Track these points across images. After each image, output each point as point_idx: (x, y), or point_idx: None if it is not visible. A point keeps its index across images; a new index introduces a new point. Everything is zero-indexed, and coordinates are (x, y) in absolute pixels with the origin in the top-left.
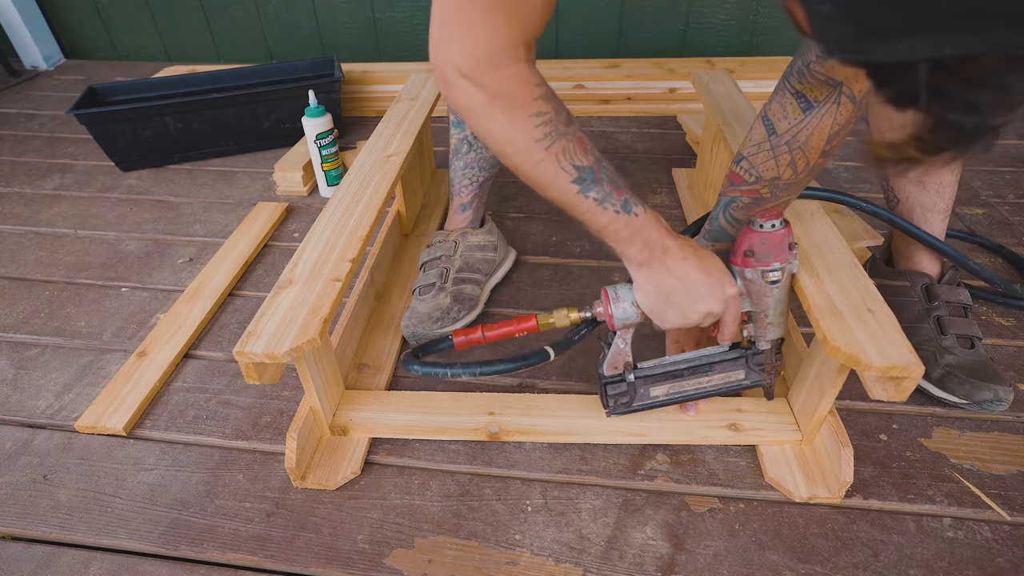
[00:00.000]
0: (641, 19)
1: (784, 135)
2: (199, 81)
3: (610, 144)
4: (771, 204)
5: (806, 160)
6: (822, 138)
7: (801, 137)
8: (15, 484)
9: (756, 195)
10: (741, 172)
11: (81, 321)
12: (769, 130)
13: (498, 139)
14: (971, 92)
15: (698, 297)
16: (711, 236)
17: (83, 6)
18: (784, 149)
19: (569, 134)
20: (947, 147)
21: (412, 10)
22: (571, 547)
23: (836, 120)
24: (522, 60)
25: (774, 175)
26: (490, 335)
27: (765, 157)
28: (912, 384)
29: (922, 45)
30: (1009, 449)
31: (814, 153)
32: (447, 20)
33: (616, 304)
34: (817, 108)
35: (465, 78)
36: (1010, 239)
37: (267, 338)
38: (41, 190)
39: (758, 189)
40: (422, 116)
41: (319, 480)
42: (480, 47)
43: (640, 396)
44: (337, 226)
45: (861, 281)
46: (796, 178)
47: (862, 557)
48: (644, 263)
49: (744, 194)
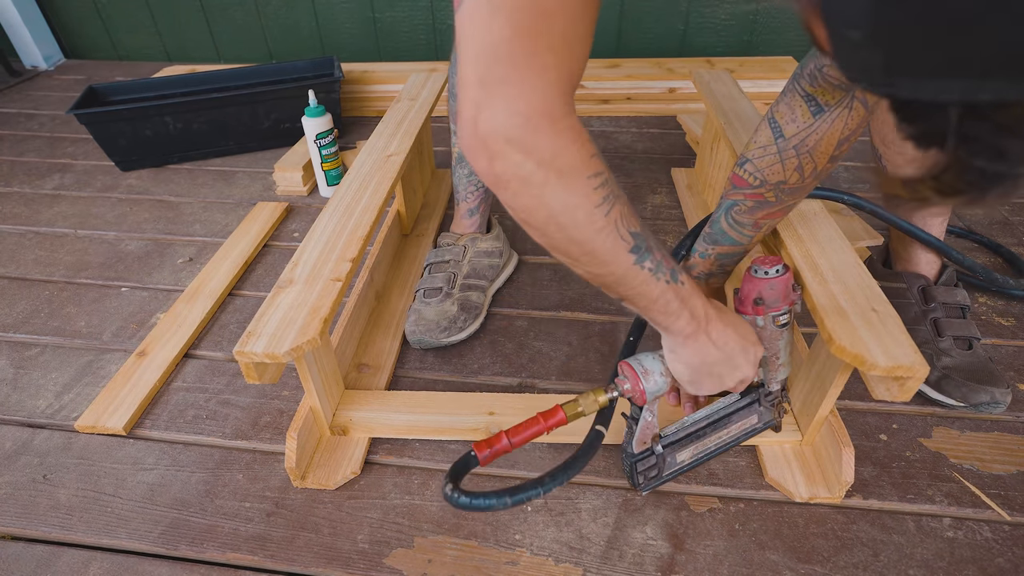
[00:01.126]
0: (641, 19)
1: (792, 139)
2: (199, 81)
3: (610, 144)
4: (775, 208)
5: (814, 165)
6: (832, 143)
7: (810, 141)
8: (15, 484)
9: (760, 199)
10: (745, 175)
11: (81, 321)
12: (776, 133)
13: (553, 210)
14: (1002, 139)
15: (736, 365)
16: (711, 239)
17: (83, 6)
18: (792, 153)
19: (622, 196)
20: (966, 191)
21: (412, 10)
22: (571, 547)
23: (847, 125)
24: (573, 111)
25: (780, 179)
26: (517, 441)
27: (771, 161)
28: (916, 384)
29: (955, 87)
30: (1009, 449)
31: (823, 158)
32: (485, 76)
33: (646, 379)
34: (828, 112)
35: (512, 143)
36: (1010, 239)
37: (267, 338)
38: (41, 190)
39: (762, 193)
40: (422, 116)
41: (319, 480)
42: (530, 102)
43: (668, 465)
44: (337, 226)
45: (865, 281)
46: (803, 183)
47: (862, 557)
48: (691, 336)
49: (748, 197)
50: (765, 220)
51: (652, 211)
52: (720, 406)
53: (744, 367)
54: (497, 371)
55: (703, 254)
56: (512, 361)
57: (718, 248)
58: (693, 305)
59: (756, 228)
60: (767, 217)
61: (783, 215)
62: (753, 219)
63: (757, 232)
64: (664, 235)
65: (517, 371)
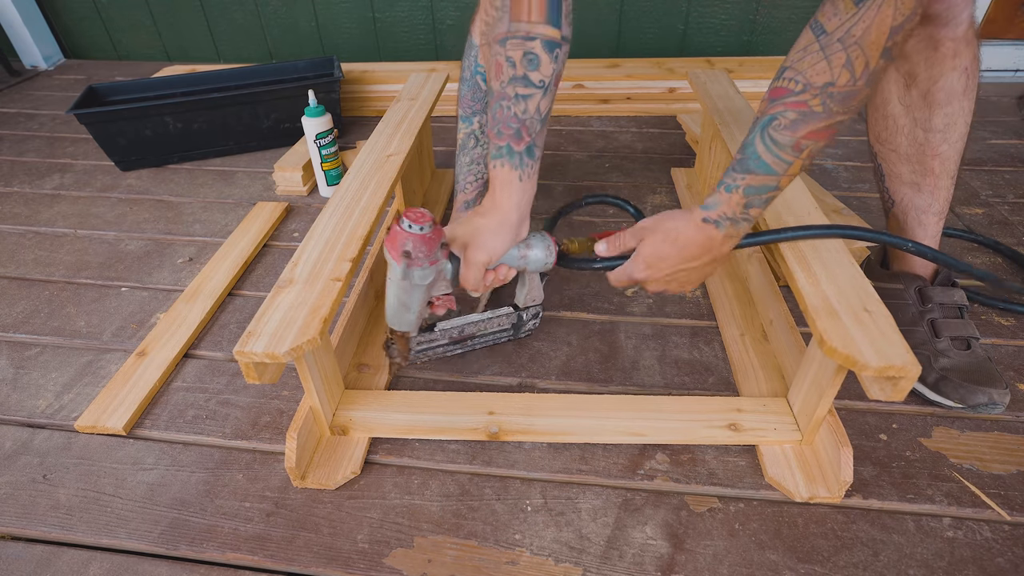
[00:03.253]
0: (641, 19)
1: (836, 32)
2: (199, 81)
3: (610, 144)
4: (822, 123)
5: (865, 59)
6: (883, 31)
7: (857, 31)
8: (15, 484)
9: (805, 108)
10: (785, 83)
11: (81, 321)
12: (817, 31)
13: None
14: None
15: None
16: (742, 166)
17: (83, 6)
18: (838, 47)
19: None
20: None
21: (412, 10)
22: (571, 547)
23: (899, 10)
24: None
25: (827, 80)
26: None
27: (815, 59)
28: (909, 384)
29: None
30: (1009, 449)
31: (874, 50)
32: None
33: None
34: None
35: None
36: (1010, 239)
37: (267, 338)
38: (41, 190)
39: (807, 100)
40: (422, 116)
41: (319, 480)
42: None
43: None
44: (337, 226)
45: (858, 281)
46: (854, 85)
47: (862, 557)
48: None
49: (789, 107)
50: (808, 140)
51: (652, 211)
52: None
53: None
54: (497, 371)
55: (729, 187)
56: (512, 361)
57: (748, 179)
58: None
59: (797, 151)
60: (811, 136)
61: (829, 139)
62: (795, 137)
63: (797, 157)
64: None
65: (517, 371)
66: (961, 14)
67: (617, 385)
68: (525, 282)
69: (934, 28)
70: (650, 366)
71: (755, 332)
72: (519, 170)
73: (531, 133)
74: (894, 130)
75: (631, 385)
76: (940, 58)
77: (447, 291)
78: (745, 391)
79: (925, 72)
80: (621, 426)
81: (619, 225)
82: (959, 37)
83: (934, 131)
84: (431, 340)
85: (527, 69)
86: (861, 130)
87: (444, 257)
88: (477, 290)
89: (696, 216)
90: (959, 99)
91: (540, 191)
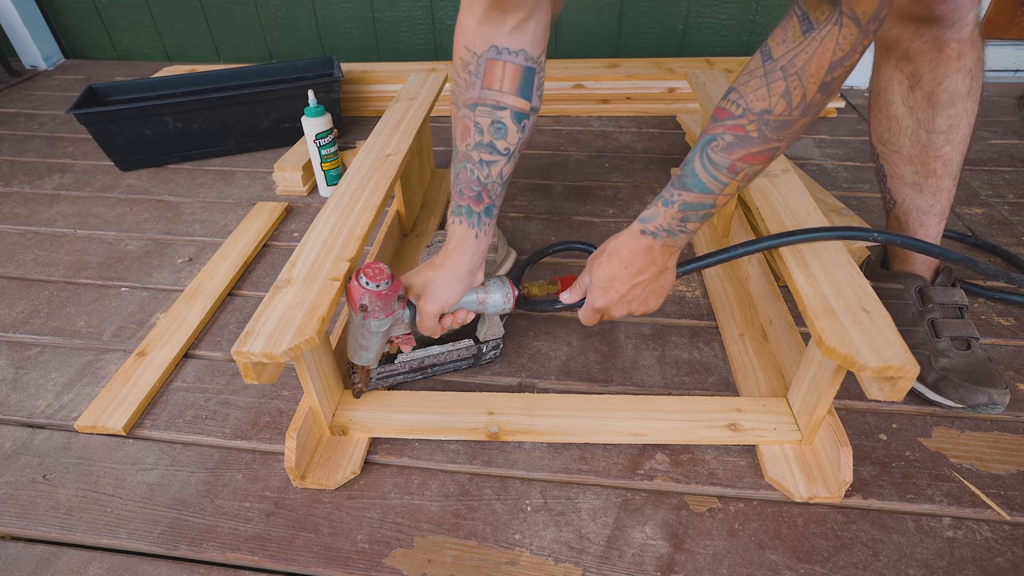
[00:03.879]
0: (640, 19)
1: (780, 59)
2: (199, 81)
3: (610, 144)
4: (756, 148)
5: (803, 91)
6: (822, 65)
7: (799, 61)
8: (15, 484)
9: (742, 132)
10: (728, 105)
11: (80, 321)
12: (765, 56)
13: None
14: None
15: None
16: (680, 183)
17: (83, 6)
18: (779, 75)
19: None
20: None
21: (412, 10)
22: (571, 547)
23: (839, 45)
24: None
25: (764, 107)
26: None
27: (756, 85)
28: (908, 384)
29: None
30: (1009, 449)
31: (812, 83)
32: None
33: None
34: (818, 29)
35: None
36: (1009, 239)
37: (265, 338)
38: (41, 190)
39: (744, 125)
40: (421, 115)
41: (319, 480)
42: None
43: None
44: (336, 225)
45: (856, 281)
46: (789, 115)
47: (862, 557)
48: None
49: (728, 130)
50: (743, 164)
51: None
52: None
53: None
54: (497, 371)
55: (667, 201)
56: (512, 361)
57: (685, 195)
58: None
59: (732, 173)
60: (746, 159)
61: (764, 163)
62: (730, 159)
63: (732, 179)
64: None
65: (517, 371)
66: (967, 15)
67: (617, 385)
68: (485, 321)
69: (940, 29)
70: (650, 366)
71: (755, 332)
72: (475, 228)
73: (491, 196)
74: (897, 131)
75: (631, 385)
76: (945, 59)
77: (406, 331)
78: (745, 391)
79: (930, 73)
80: (621, 426)
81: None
82: (964, 38)
83: (937, 132)
84: (391, 370)
85: (494, 137)
86: (861, 130)
87: (401, 308)
88: (434, 334)
89: (635, 229)
90: (963, 100)
91: (540, 191)
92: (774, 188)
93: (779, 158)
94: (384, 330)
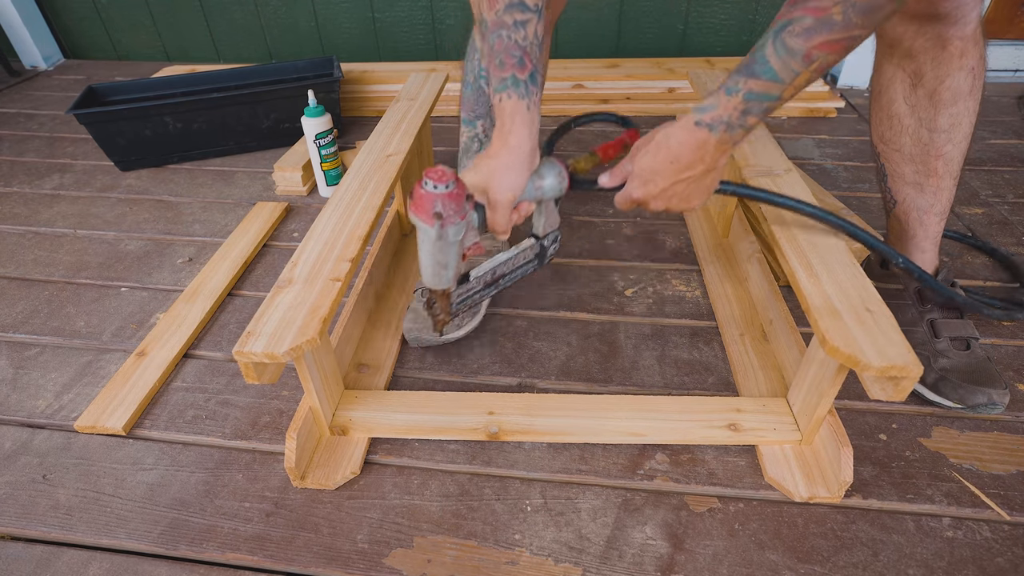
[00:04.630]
0: (640, 19)
1: None
2: (199, 81)
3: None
4: (838, 34)
5: None
6: None
7: None
8: (15, 484)
9: (824, 15)
10: None
11: (80, 321)
12: None
13: None
14: None
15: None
16: (747, 69)
17: (83, 6)
18: None
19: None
20: None
21: (412, 10)
22: (570, 547)
23: None
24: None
25: None
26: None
27: None
28: (911, 384)
29: None
30: (1008, 449)
31: None
32: None
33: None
34: None
35: None
36: (1009, 239)
37: (266, 338)
38: (41, 190)
39: (828, 7)
40: (421, 115)
41: (318, 480)
42: None
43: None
44: (336, 226)
45: (860, 281)
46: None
47: (861, 557)
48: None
49: (808, 12)
50: (820, 52)
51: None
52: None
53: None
54: (496, 371)
55: (730, 90)
56: (511, 361)
57: (752, 83)
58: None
59: (806, 62)
60: (823, 47)
61: (840, 54)
62: (807, 46)
63: (804, 69)
64: (664, 235)
65: (516, 371)
66: (970, 13)
67: (617, 385)
68: (542, 211)
69: (943, 27)
70: (650, 366)
71: (755, 332)
72: (526, 99)
73: (533, 60)
74: (899, 130)
75: (631, 385)
76: (947, 57)
77: (476, 239)
78: (745, 391)
79: (932, 71)
80: (621, 426)
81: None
82: (967, 36)
83: (939, 131)
84: (469, 289)
85: None
86: (861, 130)
87: (471, 208)
88: (506, 233)
89: (689, 120)
90: (965, 99)
91: None
92: (777, 188)
93: (781, 158)
94: (460, 238)
